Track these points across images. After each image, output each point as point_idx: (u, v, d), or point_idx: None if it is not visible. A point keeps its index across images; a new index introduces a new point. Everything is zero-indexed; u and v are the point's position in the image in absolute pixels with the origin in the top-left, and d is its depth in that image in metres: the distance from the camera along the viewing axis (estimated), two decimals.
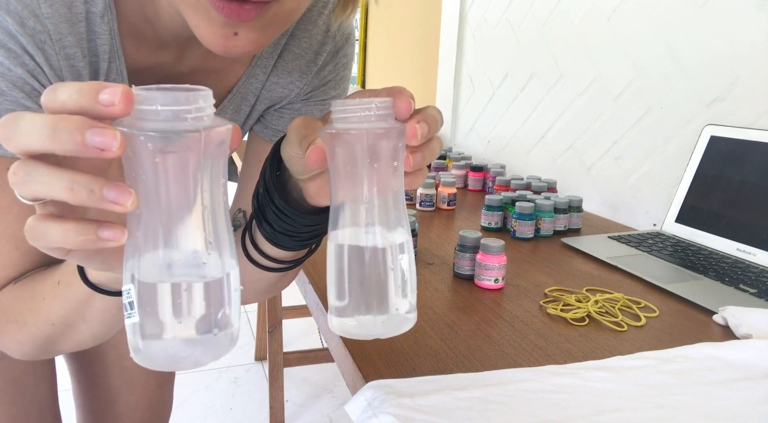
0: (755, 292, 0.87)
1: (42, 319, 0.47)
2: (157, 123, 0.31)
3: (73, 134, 0.29)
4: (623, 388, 0.60)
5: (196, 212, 0.33)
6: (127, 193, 0.30)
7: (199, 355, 0.34)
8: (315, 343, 2.21)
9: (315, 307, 0.85)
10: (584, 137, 1.56)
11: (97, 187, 0.30)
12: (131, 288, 0.33)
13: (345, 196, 0.39)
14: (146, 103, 0.30)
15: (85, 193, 0.30)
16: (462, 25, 2.17)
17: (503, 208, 1.21)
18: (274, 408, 1.87)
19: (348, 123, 0.37)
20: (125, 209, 0.30)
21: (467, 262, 0.91)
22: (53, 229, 0.31)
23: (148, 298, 0.33)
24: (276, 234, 0.49)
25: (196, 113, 0.31)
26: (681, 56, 1.26)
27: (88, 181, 0.30)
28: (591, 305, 0.81)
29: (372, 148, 0.37)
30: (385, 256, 0.39)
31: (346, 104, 0.37)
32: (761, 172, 1.02)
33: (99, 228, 0.31)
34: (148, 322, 0.33)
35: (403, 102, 0.38)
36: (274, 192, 0.47)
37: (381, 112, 0.37)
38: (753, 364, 0.66)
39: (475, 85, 2.11)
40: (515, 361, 0.67)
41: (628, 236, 1.15)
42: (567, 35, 1.61)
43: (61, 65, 0.48)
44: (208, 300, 0.34)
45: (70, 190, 0.30)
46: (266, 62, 0.62)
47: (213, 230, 0.34)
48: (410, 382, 0.59)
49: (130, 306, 0.33)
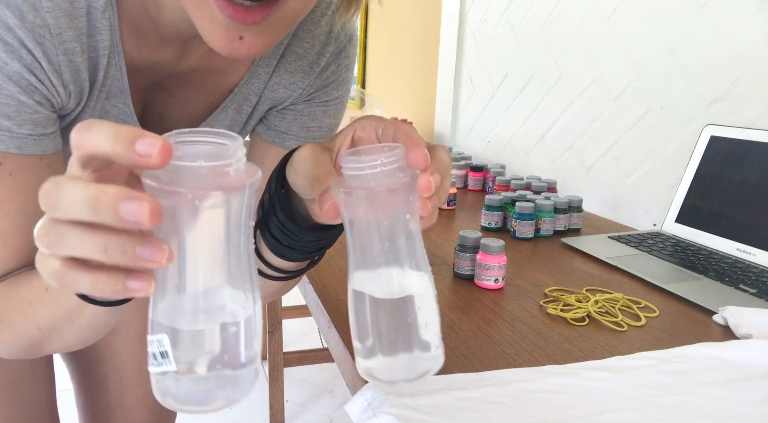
0: (755, 292, 0.87)
1: (29, 322, 0.46)
2: (201, 179, 0.30)
3: (110, 208, 0.28)
4: (623, 388, 0.60)
5: (233, 259, 0.33)
6: (161, 251, 0.30)
7: (232, 392, 0.34)
8: (315, 343, 2.21)
9: (315, 307, 0.85)
10: (584, 137, 1.56)
11: (130, 248, 0.29)
12: (164, 337, 0.32)
13: (362, 246, 0.39)
14: (187, 158, 0.30)
15: (118, 254, 0.29)
16: (462, 25, 2.17)
17: (503, 208, 1.21)
18: (274, 408, 1.87)
19: (360, 181, 0.37)
20: (160, 266, 0.30)
21: (467, 262, 0.91)
22: (84, 278, 0.31)
23: (185, 345, 0.33)
24: (281, 247, 0.48)
25: (236, 164, 0.31)
26: (681, 56, 1.26)
27: (121, 242, 0.29)
28: (591, 305, 0.81)
29: (385, 203, 0.37)
30: (406, 304, 0.38)
31: (357, 161, 0.37)
32: (761, 172, 1.02)
33: (127, 278, 0.31)
34: (184, 368, 0.33)
35: (419, 155, 0.37)
36: (279, 209, 0.46)
37: (392, 166, 0.37)
38: (753, 364, 0.66)
39: (475, 85, 2.11)
40: (515, 361, 0.67)
41: (628, 236, 1.15)
42: (567, 35, 1.61)
43: (59, 61, 0.48)
44: (242, 339, 0.34)
45: (104, 252, 0.30)
46: (268, 62, 0.62)
47: (247, 273, 0.34)
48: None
49: (162, 355, 0.33)
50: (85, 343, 0.50)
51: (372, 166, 0.36)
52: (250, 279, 0.35)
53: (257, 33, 0.43)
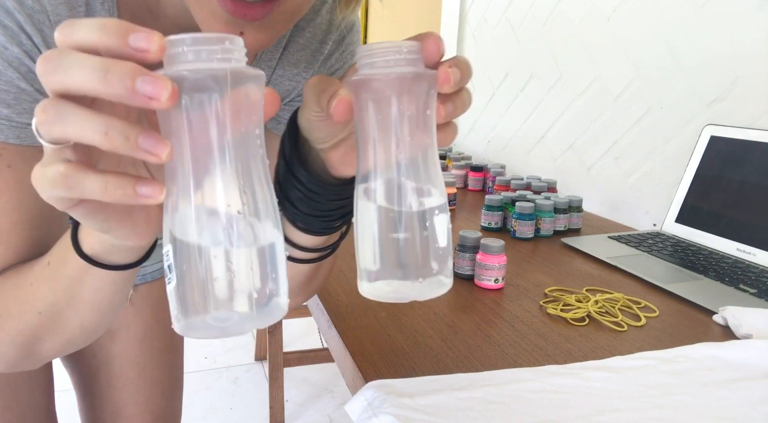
0: (755, 292, 0.87)
1: (28, 307, 0.44)
2: (185, 64, 0.29)
3: (124, 79, 0.27)
4: (623, 388, 0.60)
5: (229, 166, 0.31)
6: (162, 144, 0.28)
7: (240, 321, 0.31)
8: (315, 343, 2.21)
9: (315, 307, 0.85)
10: (584, 137, 1.56)
11: (133, 135, 0.28)
12: (170, 249, 0.31)
13: (375, 151, 0.36)
14: (172, 47, 0.29)
15: (120, 138, 0.28)
16: (462, 25, 2.17)
17: (503, 208, 1.21)
18: (274, 408, 1.87)
19: (375, 68, 0.34)
20: (159, 160, 0.29)
21: (467, 262, 0.91)
22: (92, 179, 0.30)
23: (184, 260, 0.31)
24: (303, 216, 0.47)
25: (223, 54, 0.30)
26: (681, 56, 1.26)
27: (124, 127, 0.28)
28: (591, 305, 0.81)
29: (402, 94, 0.34)
30: (421, 217, 0.36)
31: (373, 49, 0.34)
32: (761, 172, 1.02)
33: (137, 183, 0.30)
34: (185, 285, 0.31)
35: (432, 44, 0.35)
36: (296, 164, 0.44)
37: (410, 56, 0.34)
38: (753, 364, 0.66)
39: (475, 85, 2.11)
40: (515, 361, 0.67)
41: (628, 236, 1.15)
42: (567, 35, 1.61)
43: None
44: (249, 263, 0.32)
45: (105, 134, 0.28)
46: (271, 56, 0.61)
47: (249, 187, 0.32)
48: (410, 382, 0.59)
49: (169, 269, 0.31)
50: (87, 335, 0.48)
51: (388, 52, 0.34)
52: (261, 202, 0.32)
53: (258, 29, 0.43)
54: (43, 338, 0.47)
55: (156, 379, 0.86)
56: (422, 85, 0.35)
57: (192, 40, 0.29)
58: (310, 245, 0.51)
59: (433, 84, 0.35)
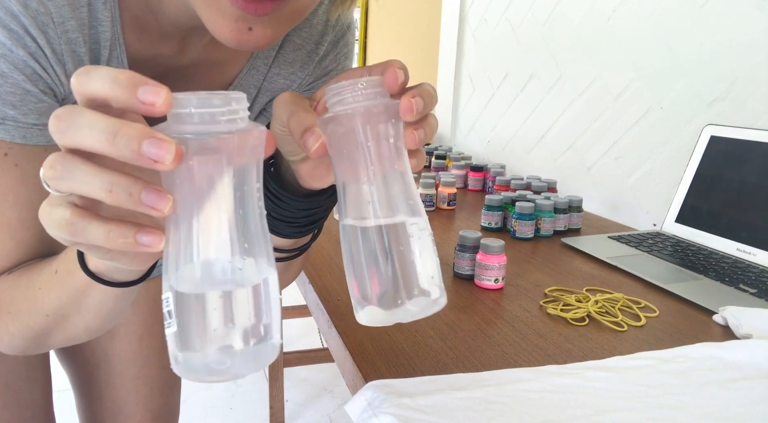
0: (755, 292, 0.87)
1: (36, 308, 0.46)
2: (192, 126, 0.30)
3: (131, 142, 0.28)
4: (623, 388, 0.60)
5: (231, 218, 0.32)
6: (165, 199, 0.30)
7: (238, 366, 0.33)
8: (315, 343, 2.21)
9: (315, 307, 0.85)
10: (584, 137, 1.56)
11: (136, 191, 0.30)
12: (169, 297, 0.32)
13: (349, 180, 0.38)
14: (180, 106, 0.30)
15: (124, 195, 0.30)
16: (462, 25, 2.17)
17: (503, 208, 1.21)
18: (274, 408, 1.87)
19: (343, 105, 0.37)
20: (161, 214, 0.30)
21: (467, 262, 0.91)
22: (96, 228, 0.31)
23: (184, 307, 0.32)
24: (273, 221, 0.48)
25: (229, 115, 0.31)
26: (681, 56, 1.26)
27: (128, 184, 0.30)
28: (591, 305, 0.81)
29: (367, 126, 0.36)
30: (405, 243, 0.37)
31: (340, 86, 0.37)
32: (761, 172, 1.02)
33: (138, 232, 0.31)
34: (184, 331, 0.32)
35: (391, 75, 0.37)
36: (266, 176, 0.46)
37: (371, 90, 0.37)
38: (753, 364, 0.66)
39: (475, 85, 2.11)
40: (515, 361, 0.67)
41: (628, 236, 1.15)
42: (567, 35, 1.61)
43: (62, 49, 0.47)
44: (245, 308, 0.33)
45: (109, 191, 0.30)
46: (267, 54, 0.62)
47: (248, 236, 0.33)
48: (410, 382, 0.59)
49: (168, 315, 0.32)
50: (91, 334, 0.50)
51: (353, 89, 0.36)
52: (258, 248, 0.33)
53: (266, 25, 0.43)
54: (50, 335, 0.48)
55: (155, 377, 0.87)
56: (386, 116, 0.37)
57: (198, 100, 0.30)
58: (278, 246, 0.52)
59: (396, 113, 0.37)
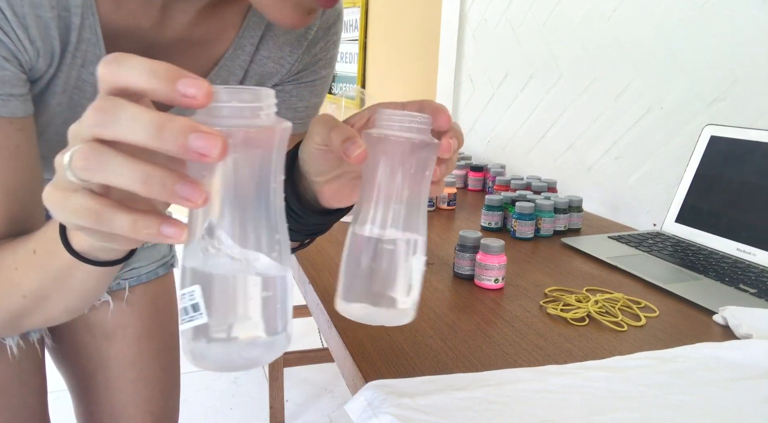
0: (755, 292, 0.87)
1: (13, 289, 0.44)
2: (236, 120, 0.31)
3: (178, 137, 0.28)
4: (623, 388, 0.60)
5: (263, 209, 0.33)
6: (199, 191, 0.29)
7: (260, 355, 0.34)
8: (315, 343, 2.21)
9: (315, 307, 0.85)
10: (584, 137, 1.56)
11: (170, 182, 0.29)
12: (195, 289, 0.32)
13: (376, 197, 0.42)
14: (222, 99, 0.31)
15: (158, 187, 0.29)
16: (462, 25, 2.17)
17: (503, 208, 1.21)
18: (274, 408, 1.87)
19: (394, 130, 0.41)
20: (195, 207, 0.30)
21: (467, 262, 0.91)
22: (122, 218, 0.30)
23: (216, 297, 0.32)
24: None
25: (268, 110, 0.32)
26: (681, 56, 1.26)
27: (162, 176, 0.29)
28: (591, 305, 0.81)
29: (411, 155, 0.42)
30: (404, 257, 0.42)
31: (394, 114, 0.42)
32: (761, 172, 1.02)
33: (162, 223, 0.30)
34: (215, 322, 0.32)
35: (443, 119, 0.42)
36: (290, 194, 0.46)
37: (422, 126, 0.42)
38: (753, 364, 0.66)
39: (475, 85, 2.11)
40: (515, 361, 0.67)
41: (628, 236, 1.15)
42: (567, 35, 1.61)
43: (25, 13, 0.44)
44: (276, 297, 0.34)
45: (144, 183, 0.29)
46: (253, 33, 0.60)
47: (278, 228, 0.34)
48: (410, 382, 0.59)
49: (193, 308, 0.32)
50: (70, 315, 0.48)
51: (406, 120, 0.41)
52: (285, 241, 0.34)
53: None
54: (28, 316, 0.46)
55: (155, 379, 0.86)
56: (428, 151, 0.42)
57: (235, 94, 0.31)
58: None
59: (436, 151, 0.43)
